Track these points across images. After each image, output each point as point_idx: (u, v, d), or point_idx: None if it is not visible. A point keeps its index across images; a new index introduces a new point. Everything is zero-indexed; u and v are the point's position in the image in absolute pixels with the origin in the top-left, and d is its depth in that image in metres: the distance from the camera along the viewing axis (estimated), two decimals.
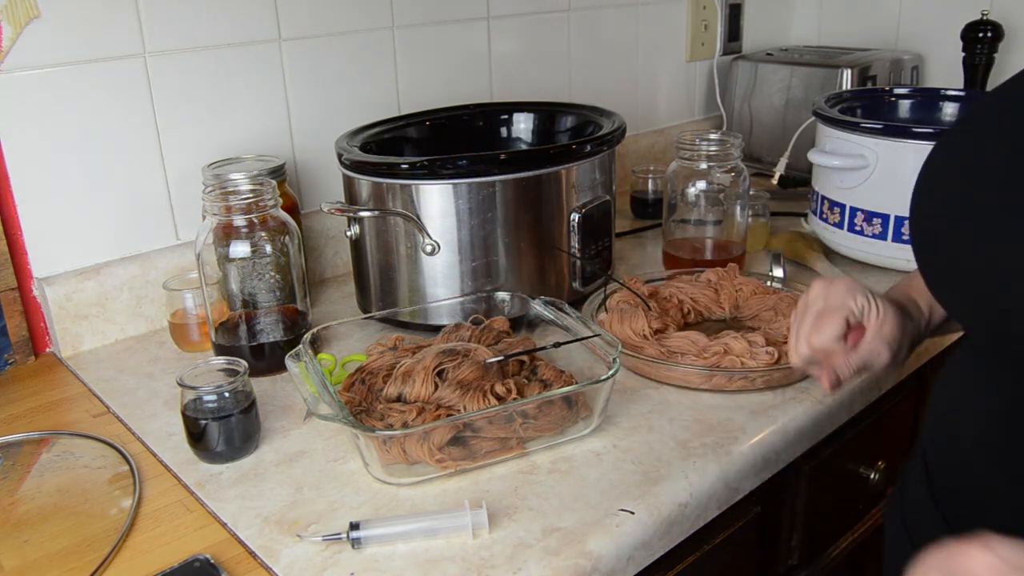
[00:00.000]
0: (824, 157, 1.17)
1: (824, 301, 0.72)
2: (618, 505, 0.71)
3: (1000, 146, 0.56)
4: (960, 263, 0.56)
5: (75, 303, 1.01)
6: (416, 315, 1.00)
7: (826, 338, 0.71)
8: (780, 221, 1.37)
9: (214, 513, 0.72)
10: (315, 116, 1.20)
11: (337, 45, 1.19)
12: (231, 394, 0.78)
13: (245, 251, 0.92)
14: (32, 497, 0.75)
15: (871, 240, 1.15)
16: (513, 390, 0.79)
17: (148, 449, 0.82)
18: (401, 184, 0.96)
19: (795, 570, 0.99)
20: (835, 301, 0.71)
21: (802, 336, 0.73)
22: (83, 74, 0.98)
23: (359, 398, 0.82)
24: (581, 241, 1.03)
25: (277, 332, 0.96)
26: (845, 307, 0.71)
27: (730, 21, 1.76)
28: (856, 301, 0.71)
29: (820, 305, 0.73)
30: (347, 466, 0.78)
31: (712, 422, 0.83)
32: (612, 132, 1.05)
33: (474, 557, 0.65)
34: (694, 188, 1.17)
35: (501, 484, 0.74)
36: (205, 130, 1.09)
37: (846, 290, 0.71)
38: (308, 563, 0.65)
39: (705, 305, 1.03)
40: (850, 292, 0.71)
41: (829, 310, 0.71)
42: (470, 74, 1.37)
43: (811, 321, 0.72)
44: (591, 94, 1.54)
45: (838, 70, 1.55)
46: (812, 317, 0.72)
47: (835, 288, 0.72)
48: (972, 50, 1.51)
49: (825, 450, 0.94)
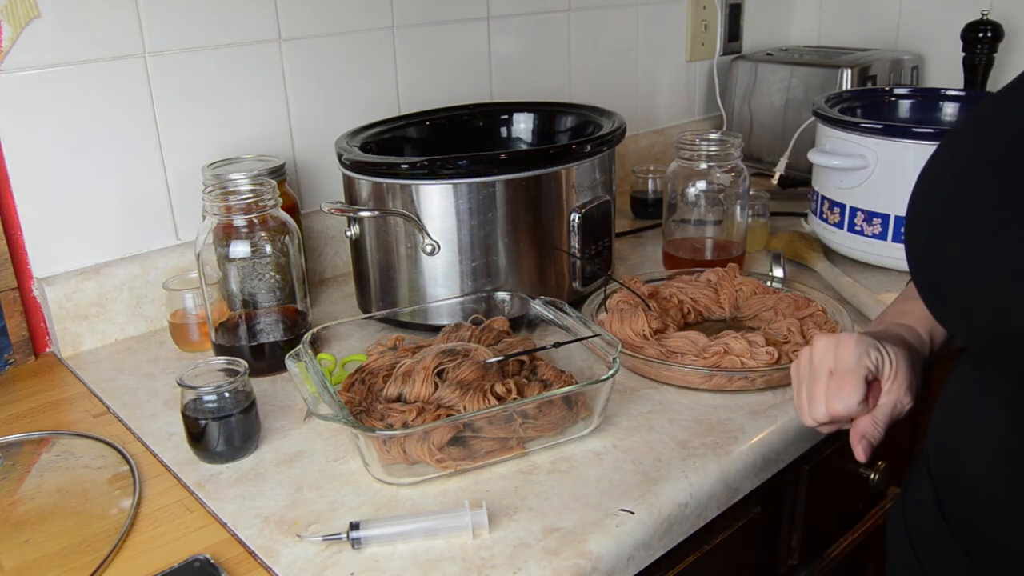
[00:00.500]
0: (824, 157, 1.17)
1: (834, 361, 0.69)
2: (618, 505, 0.71)
3: (999, 147, 0.56)
4: (955, 269, 0.55)
5: (75, 303, 1.01)
6: (416, 315, 1.00)
7: (849, 404, 0.67)
8: (780, 221, 1.37)
9: (214, 513, 0.72)
10: (315, 116, 1.20)
11: (337, 45, 1.19)
12: (231, 394, 0.78)
13: (245, 251, 0.92)
14: (32, 497, 0.75)
15: (871, 240, 1.15)
16: (513, 390, 0.79)
17: (148, 449, 0.82)
18: (401, 184, 0.96)
19: (795, 570, 0.99)
20: (848, 362, 0.67)
21: (818, 401, 0.69)
22: (83, 74, 0.98)
23: (359, 398, 0.82)
24: (581, 241, 1.03)
25: (277, 332, 0.96)
26: (862, 367, 0.67)
27: (730, 21, 1.76)
28: (871, 358, 0.67)
29: (830, 365, 0.69)
30: (347, 466, 0.78)
31: (712, 422, 0.83)
32: (612, 132, 1.05)
33: (474, 557, 0.65)
34: (694, 188, 1.17)
35: (501, 484, 0.74)
36: (205, 130, 1.09)
37: (856, 347, 0.68)
38: (308, 563, 0.65)
39: (705, 305, 1.03)
40: (861, 349, 0.67)
41: (845, 372, 0.67)
42: (470, 74, 1.37)
43: (825, 385, 0.69)
44: (591, 94, 1.54)
45: (838, 70, 1.55)
46: (825, 380, 0.69)
47: (844, 347, 0.68)
48: (972, 50, 1.51)
49: (825, 450, 0.94)
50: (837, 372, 0.68)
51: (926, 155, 0.63)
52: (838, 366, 0.68)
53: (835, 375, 0.68)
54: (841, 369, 0.68)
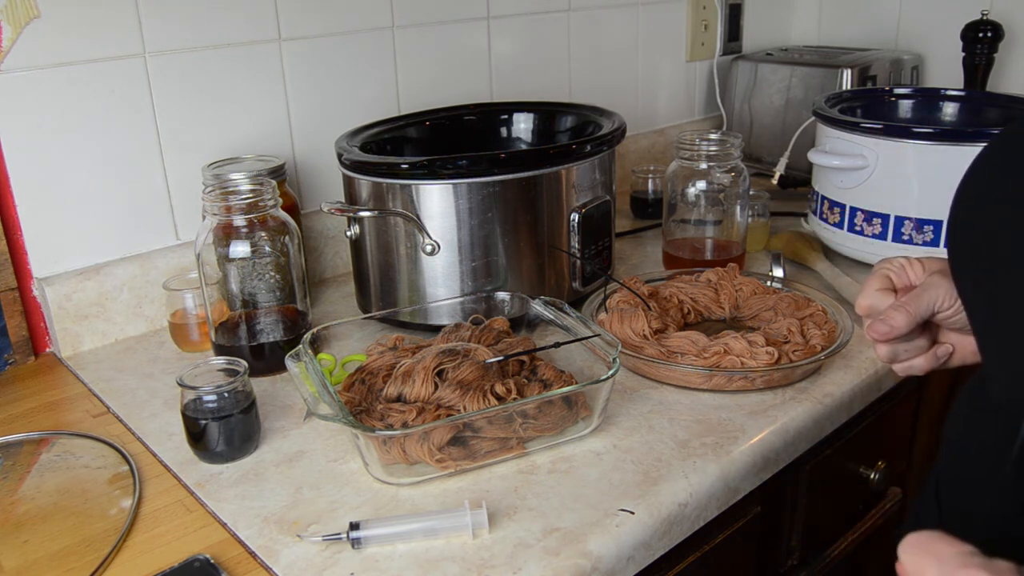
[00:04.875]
0: (824, 157, 1.17)
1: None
2: (618, 505, 0.71)
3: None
4: (996, 278, 0.52)
5: (75, 303, 1.01)
6: (416, 315, 1.00)
7: (868, 291, 0.69)
8: (780, 221, 1.37)
9: (214, 513, 0.72)
10: (315, 116, 1.20)
11: (337, 45, 1.19)
12: (231, 394, 0.78)
13: (245, 251, 0.92)
14: (32, 497, 0.75)
15: (871, 240, 1.15)
16: (513, 390, 0.79)
17: (148, 449, 0.82)
18: (401, 184, 0.96)
19: (795, 570, 0.99)
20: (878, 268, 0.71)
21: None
22: (83, 74, 0.98)
23: (359, 398, 0.82)
24: (581, 241, 1.03)
25: (277, 332, 0.96)
26: (882, 267, 0.70)
27: (730, 21, 1.76)
28: (892, 263, 0.69)
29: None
30: (347, 466, 0.78)
31: (712, 422, 0.83)
32: (612, 132, 1.06)
33: (474, 557, 0.65)
34: (694, 188, 1.17)
35: (501, 484, 0.74)
36: (205, 130, 1.09)
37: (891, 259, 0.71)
38: (308, 563, 0.66)
39: (705, 305, 1.03)
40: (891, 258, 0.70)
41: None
42: (470, 74, 1.37)
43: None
44: (591, 94, 1.54)
45: (838, 70, 1.55)
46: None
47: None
48: (972, 50, 1.51)
49: (825, 450, 0.94)
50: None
51: (926, 155, 0.62)
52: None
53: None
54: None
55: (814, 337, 0.91)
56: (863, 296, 0.69)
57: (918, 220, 1.11)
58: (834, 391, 0.89)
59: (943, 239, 1.10)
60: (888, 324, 0.66)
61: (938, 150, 1.08)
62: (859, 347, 0.96)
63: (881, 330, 0.66)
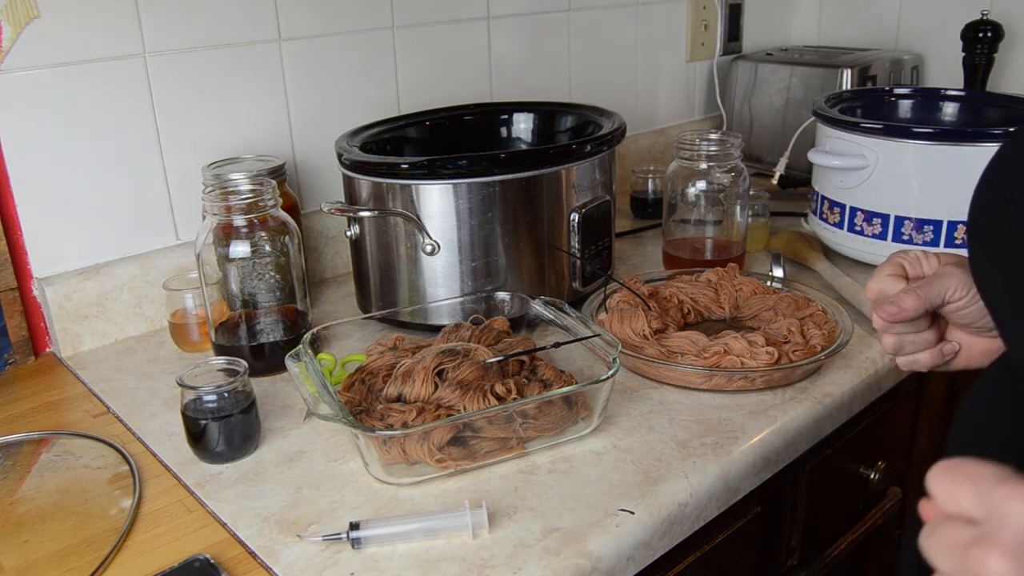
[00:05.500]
0: (824, 157, 1.17)
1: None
2: (618, 505, 0.71)
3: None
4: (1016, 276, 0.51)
5: (75, 303, 1.01)
6: (416, 315, 1.00)
7: (879, 275, 0.68)
8: (780, 221, 1.37)
9: (214, 513, 0.72)
10: (315, 116, 1.20)
11: (337, 45, 1.19)
12: (231, 394, 0.78)
13: (245, 251, 0.92)
14: (32, 497, 0.75)
15: (871, 240, 1.15)
16: (513, 390, 0.79)
17: (148, 449, 0.82)
18: (401, 184, 0.96)
19: (795, 570, 0.99)
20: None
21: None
22: (83, 74, 0.98)
23: (359, 398, 0.82)
24: (581, 241, 1.03)
25: (277, 332, 0.96)
26: (895, 257, 0.69)
27: (730, 21, 1.76)
28: (909, 253, 0.69)
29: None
30: (347, 466, 0.78)
31: (712, 422, 0.83)
32: (612, 132, 1.05)
33: (474, 557, 0.65)
34: (694, 188, 1.17)
35: (501, 484, 0.74)
36: (205, 130, 1.09)
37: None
38: (308, 563, 0.66)
39: (705, 305, 1.03)
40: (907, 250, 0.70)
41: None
42: (470, 74, 1.37)
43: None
44: (591, 94, 1.54)
45: (838, 70, 1.55)
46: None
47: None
48: (972, 50, 1.51)
49: (825, 450, 0.94)
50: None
51: (926, 155, 0.62)
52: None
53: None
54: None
55: (814, 337, 0.92)
56: (874, 279, 0.69)
57: (918, 220, 1.11)
58: (834, 391, 0.89)
59: (943, 239, 1.10)
60: (898, 305, 0.65)
61: (938, 150, 1.08)
62: (859, 347, 0.96)
63: (890, 310, 0.65)
